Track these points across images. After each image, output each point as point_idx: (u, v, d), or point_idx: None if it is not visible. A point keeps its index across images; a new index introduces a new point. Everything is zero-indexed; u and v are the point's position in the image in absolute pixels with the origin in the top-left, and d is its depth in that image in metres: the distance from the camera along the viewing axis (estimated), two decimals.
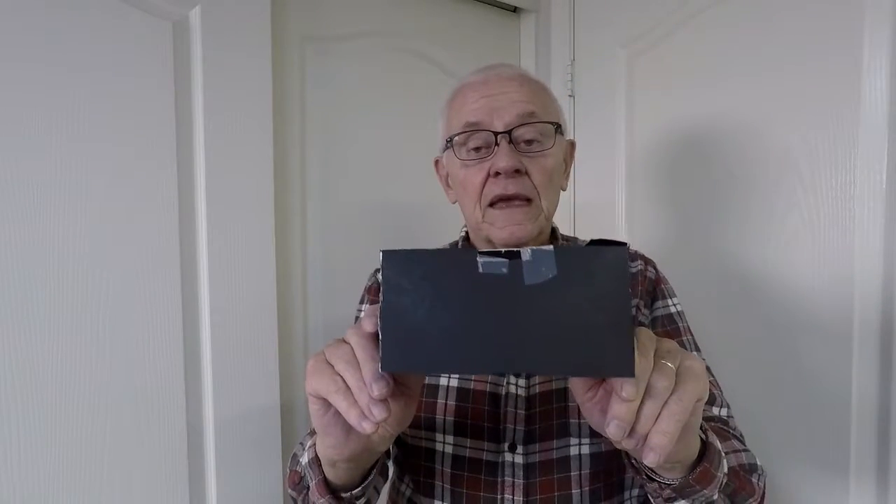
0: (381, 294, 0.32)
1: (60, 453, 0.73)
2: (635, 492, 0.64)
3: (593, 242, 0.33)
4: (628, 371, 0.32)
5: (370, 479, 0.52)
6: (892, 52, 0.76)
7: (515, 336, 0.32)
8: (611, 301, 0.31)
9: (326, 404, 0.41)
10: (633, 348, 0.32)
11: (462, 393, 0.63)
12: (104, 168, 0.75)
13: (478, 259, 0.31)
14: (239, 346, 0.86)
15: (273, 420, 0.91)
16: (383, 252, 0.32)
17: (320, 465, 0.50)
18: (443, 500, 0.63)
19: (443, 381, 0.64)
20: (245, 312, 0.87)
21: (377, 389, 0.37)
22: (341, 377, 0.39)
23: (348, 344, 0.40)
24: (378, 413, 0.37)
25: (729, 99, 0.95)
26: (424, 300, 0.32)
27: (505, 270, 0.31)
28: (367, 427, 0.38)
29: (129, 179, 0.77)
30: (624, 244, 0.32)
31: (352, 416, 0.38)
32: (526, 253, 0.31)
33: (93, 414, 0.75)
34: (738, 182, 0.95)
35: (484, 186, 0.64)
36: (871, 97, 0.78)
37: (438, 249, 0.33)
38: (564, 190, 0.70)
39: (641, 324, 0.67)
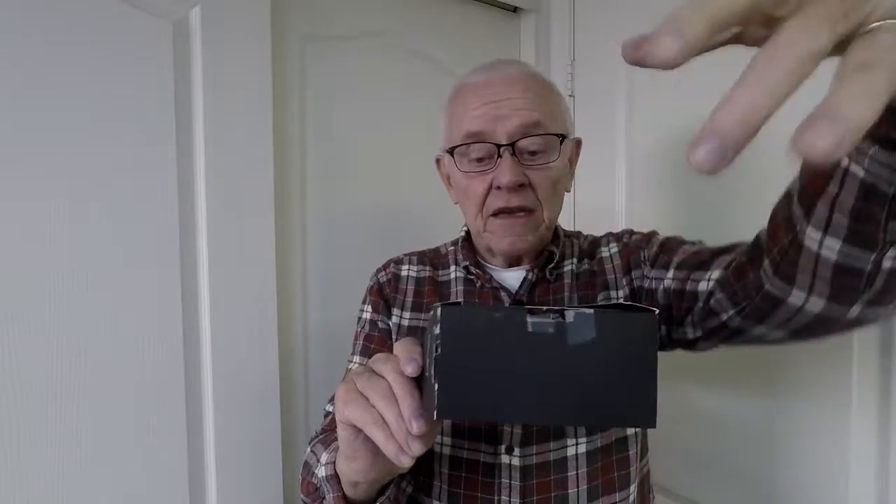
0: (438, 345, 0.35)
1: (60, 456, 0.73)
2: (633, 488, 0.64)
3: (620, 307, 0.37)
4: (651, 423, 0.36)
5: (387, 494, 0.52)
6: None
7: (556, 390, 0.36)
8: (639, 361, 0.36)
9: (356, 431, 0.43)
10: (655, 403, 0.36)
11: None
12: (103, 168, 0.75)
13: (528, 319, 0.35)
14: (239, 350, 0.86)
15: (273, 424, 0.91)
16: (442, 306, 0.35)
17: (339, 482, 0.51)
18: (441, 501, 0.63)
19: None
20: (245, 314, 0.87)
21: (417, 427, 0.38)
22: (377, 410, 0.40)
23: (384, 379, 0.41)
24: (417, 448, 0.39)
25: None
26: (479, 354, 0.35)
27: (552, 330, 0.35)
28: (404, 461, 0.39)
29: (128, 180, 0.77)
30: (653, 311, 0.36)
31: (390, 450, 0.39)
32: (570, 315, 0.35)
33: (92, 418, 0.75)
34: (737, 182, 0.95)
35: (486, 197, 0.63)
36: None
37: (491, 307, 0.36)
38: (569, 191, 0.69)
39: (651, 292, 0.64)
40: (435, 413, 0.35)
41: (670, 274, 0.61)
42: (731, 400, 0.94)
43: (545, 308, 0.36)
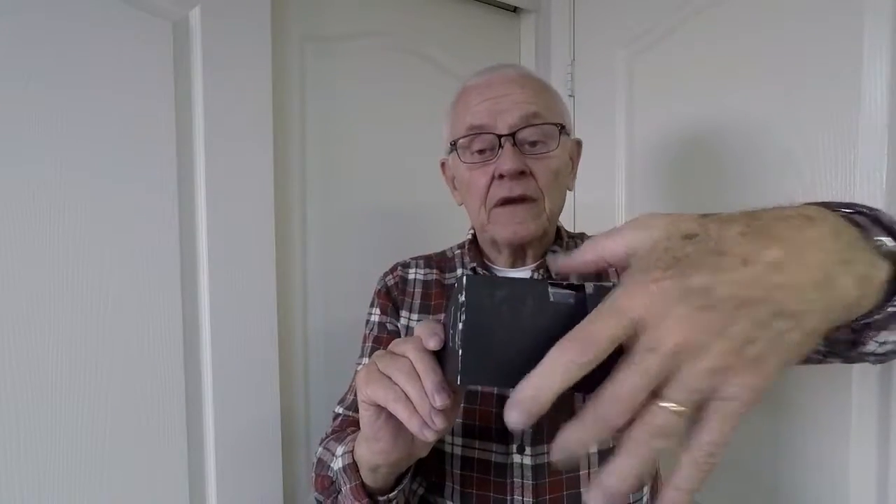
0: (462, 313, 0.35)
1: (60, 457, 0.73)
2: (646, 489, 0.64)
3: None
4: None
5: (404, 482, 0.53)
6: (892, 52, 0.76)
7: None
8: None
9: (378, 411, 0.44)
10: None
11: (470, 395, 0.63)
12: (104, 169, 0.75)
13: (549, 289, 0.35)
14: (239, 350, 0.86)
15: (273, 424, 0.91)
16: (467, 276, 0.36)
17: (357, 471, 0.51)
18: (453, 501, 0.63)
19: None
20: (245, 316, 0.87)
21: (440, 400, 0.39)
22: (400, 387, 0.41)
23: (406, 357, 0.42)
24: (440, 422, 0.40)
25: (729, 99, 0.95)
26: (501, 321, 0.35)
27: (572, 301, 0.35)
28: (428, 435, 0.40)
29: (129, 180, 0.77)
30: None
31: (413, 425, 0.40)
32: (589, 287, 0.35)
33: (92, 419, 0.75)
34: (737, 182, 0.95)
35: (489, 188, 0.64)
36: (871, 97, 0.78)
37: (514, 277, 0.36)
38: (571, 190, 0.70)
39: None
40: (459, 378, 0.35)
41: None
42: None
43: (565, 283, 0.36)
